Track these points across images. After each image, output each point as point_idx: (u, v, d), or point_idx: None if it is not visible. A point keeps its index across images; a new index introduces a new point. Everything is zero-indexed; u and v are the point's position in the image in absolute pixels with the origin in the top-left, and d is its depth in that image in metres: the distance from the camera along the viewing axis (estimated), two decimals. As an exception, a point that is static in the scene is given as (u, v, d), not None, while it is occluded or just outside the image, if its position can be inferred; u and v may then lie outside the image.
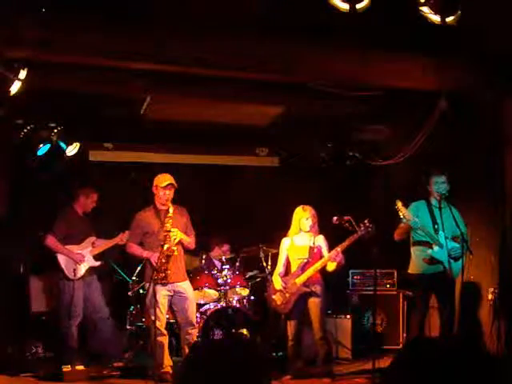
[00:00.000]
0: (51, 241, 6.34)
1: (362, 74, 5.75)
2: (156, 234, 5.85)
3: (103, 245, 6.61)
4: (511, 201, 6.16)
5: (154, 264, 5.69)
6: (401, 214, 5.70)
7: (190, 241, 5.99)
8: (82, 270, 6.39)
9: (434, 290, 5.89)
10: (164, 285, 5.76)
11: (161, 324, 5.77)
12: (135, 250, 5.98)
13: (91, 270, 6.50)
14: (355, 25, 4.88)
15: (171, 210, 5.72)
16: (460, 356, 3.19)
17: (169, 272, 5.71)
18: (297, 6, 4.88)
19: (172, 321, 6.38)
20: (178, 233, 5.75)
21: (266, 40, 5.31)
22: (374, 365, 5.43)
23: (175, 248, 5.71)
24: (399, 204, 5.73)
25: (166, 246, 5.65)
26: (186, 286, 5.94)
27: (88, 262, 6.44)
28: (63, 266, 6.33)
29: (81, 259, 6.38)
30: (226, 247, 7.52)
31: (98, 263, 6.53)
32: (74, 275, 6.31)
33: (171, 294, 5.85)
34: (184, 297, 5.88)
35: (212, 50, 5.30)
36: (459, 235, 5.76)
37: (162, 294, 5.77)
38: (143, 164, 7.94)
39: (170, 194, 5.83)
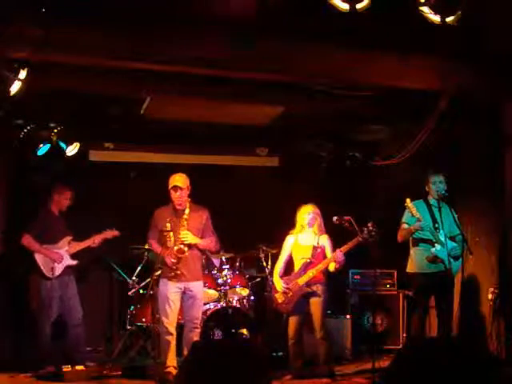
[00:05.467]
0: (26, 240, 6.29)
1: (362, 74, 5.76)
2: (169, 233, 5.81)
3: (78, 245, 6.53)
4: (511, 201, 6.16)
5: (168, 263, 5.69)
6: (412, 212, 5.69)
7: (205, 244, 5.91)
8: (60, 268, 6.34)
9: (434, 290, 5.89)
10: (174, 282, 5.75)
11: (169, 322, 5.72)
12: (155, 247, 5.94)
13: (68, 269, 6.44)
14: (355, 25, 4.88)
15: (187, 212, 5.70)
16: (460, 356, 3.19)
17: (179, 272, 5.70)
18: (297, 5, 4.88)
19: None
20: (189, 236, 5.72)
21: (265, 40, 5.31)
22: (374, 365, 5.43)
23: (186, 249, 5.69)
24: (409, 203, 5.73)
25: (176, 248, 5.65)
26: (197, 286, 5.88)
27: (65, 261, 6.39)
28: (41, 265, 6.29)
29: (60, 258, 6.34)
30: None
31: (74, 262, 6.45)
32: (53, 274, 6.28)
33: (182, 290, 5.80)
34: (191, 295, 5.83)
35: (212, 50, 5.29)
36: (456, 235, 5.79)
37: (173, 290, 5.74)
38: (143, 164, 7.94)
39: (180, 194, 5.77)
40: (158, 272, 6.02)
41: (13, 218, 6.98)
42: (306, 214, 6.09)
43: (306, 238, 6.14)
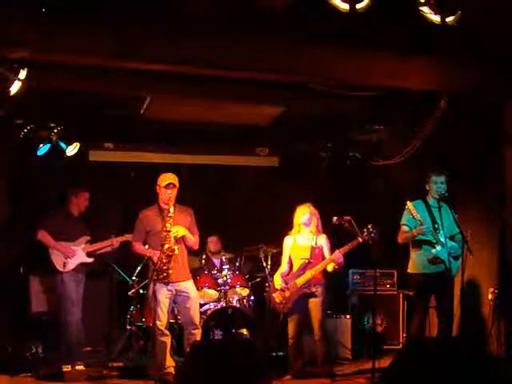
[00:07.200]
0: (42, 235, 6.40)
1: (362, 74, 5.75)
2: (158, 234, 5.81)
3: (96, 245, 6.63)
4: (511, 201, 6.16)
5: (156, 263, 5.68)
6: (413, 215, 5.67)
7: (194, 240, 5.95)
8: (72, 264, 6.42)
9: (434, 290, 5.89)
10: (166, 284, 5.73)
11: (162, 324, 5.73)
12: (138, 248, 5.96)
13: (82, 268, 6.53)
14: (355, 25, 4.88)
15: (172, 210, 5.69)
16: (460, 356, 3.18)
17: (170, 272, 5.68)
18: (297, 6, 4.88)
19: (172, 321, 6.38)
20: (179, 230, 5.71)
21: (266, 40, 5.31)
22: (374, 365, 5.43)
23: (176, 247, 5.68)
24: (410, 205, 5.71)
25: (166, 246, 5.63)
26: (188, 286, 5.88)
27: (79, 258, 6.49)
28: (53, 260, 6.39)
29: (72, 253, 6.44)
30: (211, 239, 7.50)
31: (90, 260, 6.56)
32: (64, 267, 6.36)
33: (173, 293, 5.80)
34: (186, 296, 5.83)
35: (212, 50, 5.29)
36: (455, 234, 5.78)
37: (164, 293, 5.73)
38: (143, 164, 7.94)
39: (171, 193, 5.79)
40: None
41: (13, 218, 6.98)
42: (303, 214, 6.10)
43: (303, 239, 6.13)
